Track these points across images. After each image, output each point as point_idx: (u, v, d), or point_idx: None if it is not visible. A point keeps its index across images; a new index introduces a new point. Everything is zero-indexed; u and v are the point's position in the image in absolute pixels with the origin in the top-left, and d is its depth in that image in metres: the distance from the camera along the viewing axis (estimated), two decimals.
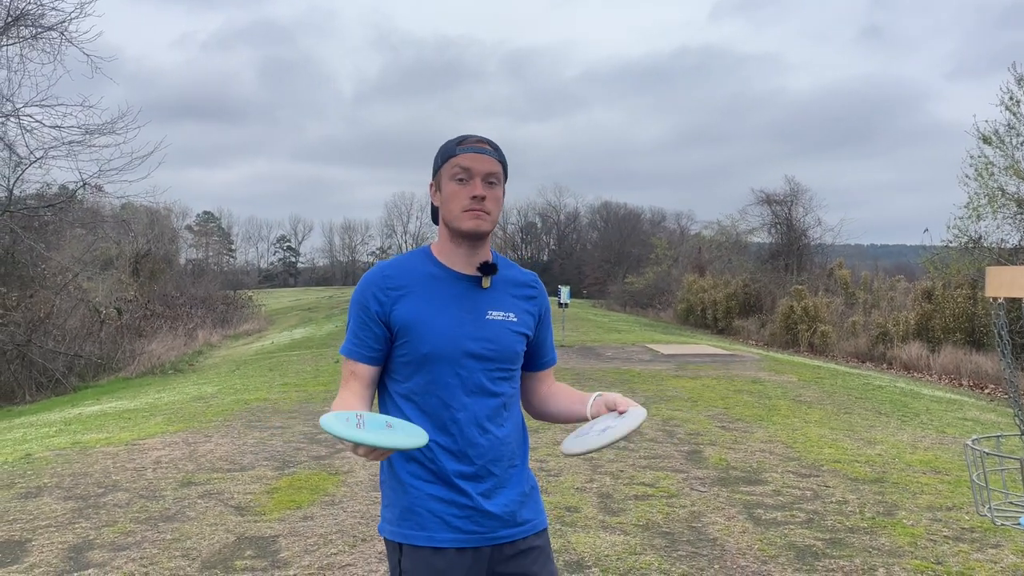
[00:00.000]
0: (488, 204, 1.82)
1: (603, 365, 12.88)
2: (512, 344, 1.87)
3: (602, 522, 4.58)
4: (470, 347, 1.81)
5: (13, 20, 14.79)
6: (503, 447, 1.84)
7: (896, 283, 25.36)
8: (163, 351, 18.50)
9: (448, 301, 1.83)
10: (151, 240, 29.75)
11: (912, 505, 4.94)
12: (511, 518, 1.83)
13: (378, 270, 1.87)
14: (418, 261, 1.89)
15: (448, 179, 1.83)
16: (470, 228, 1.81)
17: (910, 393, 11.08)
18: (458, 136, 1.88)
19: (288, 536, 4.34)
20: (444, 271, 1.86)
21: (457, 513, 1.79)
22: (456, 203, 1.81)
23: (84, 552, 4.11)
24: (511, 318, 1.88)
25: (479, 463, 1.81)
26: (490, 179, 1.83)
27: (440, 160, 1.87)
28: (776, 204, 33.37)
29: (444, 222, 1.86)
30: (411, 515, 1.79)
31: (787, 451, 6.46)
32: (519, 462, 1.90)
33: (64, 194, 17.43)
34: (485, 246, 1.89)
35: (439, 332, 1.80)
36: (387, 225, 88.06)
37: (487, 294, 1.87)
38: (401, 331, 1.81)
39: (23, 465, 6.19)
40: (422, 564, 1.77)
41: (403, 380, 1.84)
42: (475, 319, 1.83)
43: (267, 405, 9.01)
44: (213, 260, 71.56)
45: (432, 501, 1.79)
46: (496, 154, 1.86)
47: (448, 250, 1.88)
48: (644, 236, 57.88)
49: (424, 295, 1.82)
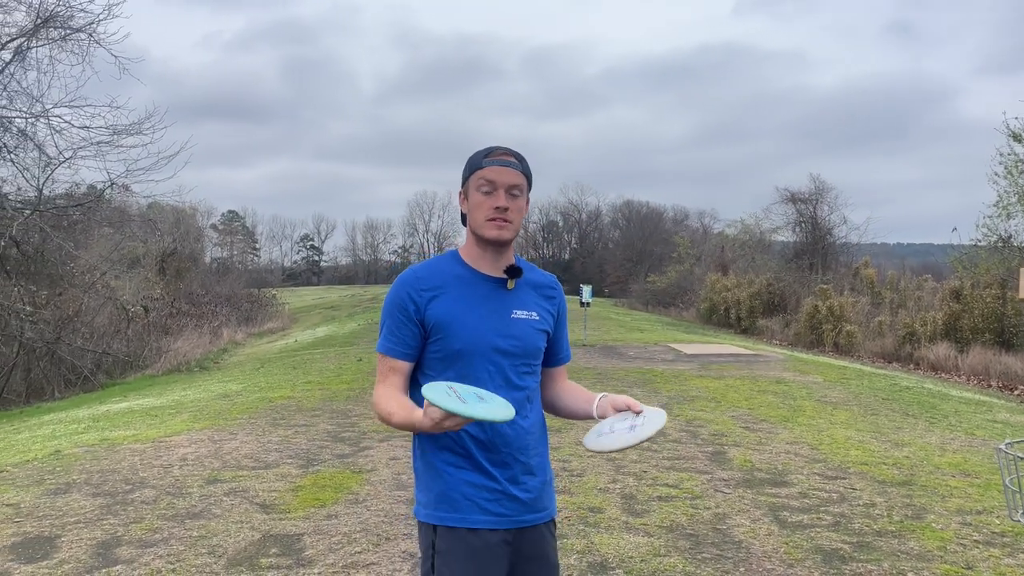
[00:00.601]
0: (510, 214, 1.96)
1: (625, 364, 12.84)
2: (535, 340, 2.03)
3: (626, 523, 4.56)
4: (498, 343, 1.96)
5: (43, 22, 15.01)
6: (527, 437, 1.99)
7: (923, 282, 25.02)
8: (189, 349, 18.70)
9: (477, 301, 1.98)
10: (177, 239, 30.08)
11: (941, 509, 4.87)
12: (534, 504, 1.99)
13: (411, 272, 2.02)
14: (447, 264, 2.03)
15: (475, 190, 1.98)
16: (493, 236, 1.96)
17: (938, 394, 10.93)
18: (485, 148, 2.01)
19: (313, 534, 4.37)
20: (472, 273, 2.01)
21: (488, 497, 1.93)
22: (481, 213, 1.96)
23: (112, 548, 4.16)
24: (534, 316, 2.03)
25: (505, 451, 1.95)
26: (513, 191, 1.97)
27: (468, 171, 2.01)
28: (801, 202, 33.10)
29: (470, 229, 2.01)
30: (446, 499, 1.93)
31: (813, 453, 6.40)
32: (541, 452, 2.05)
33: (92, 193, 17.66)
34: (509, 251, 2.04)
35: (470, 329, 1.95)
36: (409, 224, 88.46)
37: (512, 294, 2.02)
38: (435, 329, 1.95)
39: (52, 461, 6.28)
40: (457, 543, 1.90)
41: (435, 375, 1.96)
42: (502, 317, 1.99)
43: (291, 403, 9.07)
44: (238, 259, 72.24)
45: (465, 486, 1.93)
46: (520, 166, 2.00)
47: (475, 254, 2.02)
48: (666, 235, 57.59)
49: (455, 295, 1.97)
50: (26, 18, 15.05)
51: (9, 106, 15.43)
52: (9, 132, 15.60)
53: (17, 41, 15.05)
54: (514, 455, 1.96)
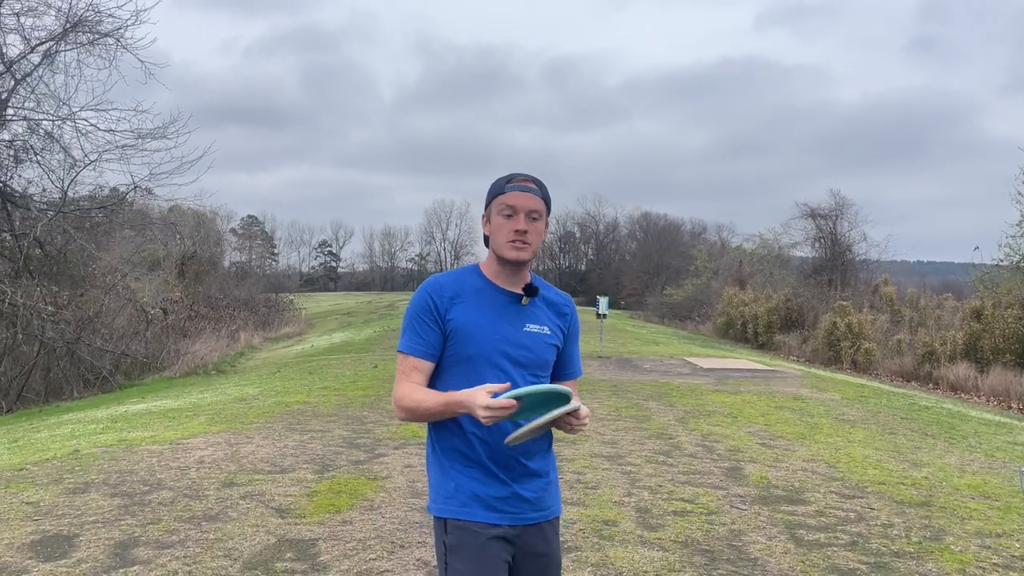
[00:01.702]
0: (529, 236, 2.10)
1: (641, 377, 12.79)
2: (544, 353, 2.16)
3: (640, 537, 4.54)
4: (509, 352, 2.10)
5: (72, 27, 15.22)
6: (532, 442, 2.11)
7: (944, 301, 24.79)
8: (206, 352, 18.83)
9: (494, 311, 2.12)
10: (197, 242, 30.35)
11: (960, 531, 4.82)
12: (538, 503, 2.12)
13: (434, 280, 2.16)
14: (468, 276, 2.17)
15: (496, 213, 2.12)
16: (512, 257, 2.09)
17: (957, 415, 10.81)
18: (507, 175, 2.15)
19: (327, 540, 4.38)
20: (490, 286, 2.15)
21: (494, 495, 2.06)
22: (502, 235, 2.10)
23: (130, 549, 4.19)
24: (545, 331, 2.17)
25: (511, 454, 2.07)
26: (532, 215, 2.11)
27: (491, 196, 2.16)
28: (821, 218, 32.92)
29: (492, 249, 2.15)
30: (456, 496, 2.06)
31: (830, 471, 6.35)
32: (546, 455, 2.19)
33: (115, 196, 17.86)
34: (525, 270, 2.19)
35: (484, 336, 2.08)
36: (426, 232, 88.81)
37: (526, 309, 2.16)
38: (452, 333, 2.08)
39: (71, 461, 6.35)
40: (466, 537, 2.03)
41: (447, 377, 2.10)
42: (515, 329, 2.12)
43: (307, 408, 9.11)
44: (256, 263, 72.77)
45: (473, 483, 2.06)
46: (539, 192, 2.14)
47: (495, 271, 2.16)
48: (684, 248, 57.44)
49: (474, 304, 2.11)
50: (55, 22, 15.30)
51: (37, 108, 15.68)
52: (36, 134, 15.84)
53: (46, 45, 15.29)
54: (518, 458, 2.08)
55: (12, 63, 15.04)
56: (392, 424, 7.95)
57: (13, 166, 16.01)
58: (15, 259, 15.47)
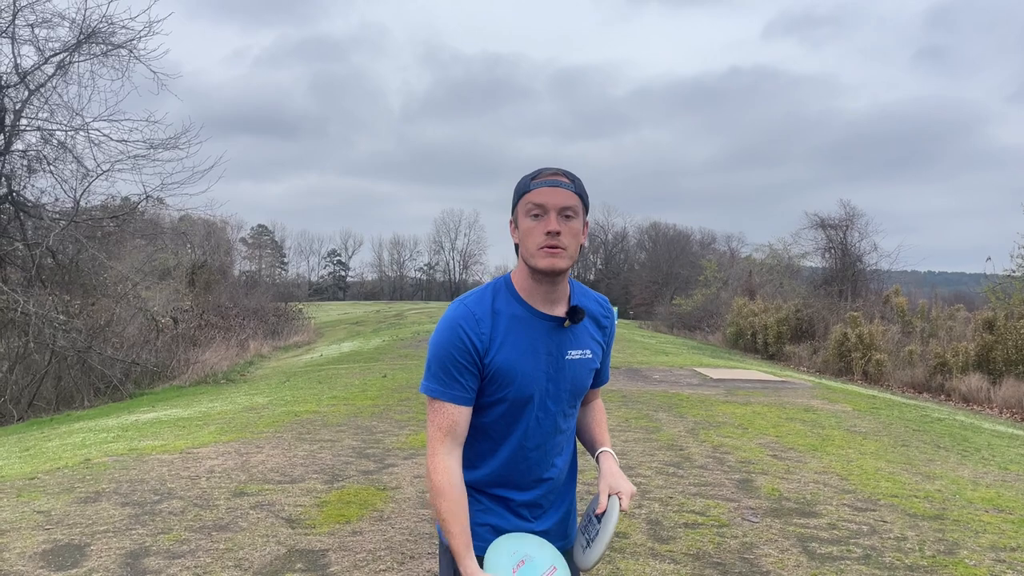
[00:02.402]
0: (564, 239, 1.78)
1: (651, 388, 12.75)
2: (585, 380, 1.95)
3: (651, 549, 4.51)
4: (550, 389, 1.87)
5: (85, 38, 15.37)
6: (560, 475, 1.98)
7: (955, 312, 24.63)
8: (216, 360, 18.88)
9: (534, 345, 1.85)
10: (207, 252, 30.48)
11: (974, 544, 4.77)
12: (560, 531, 1.99)
13: (467, 312, 1.85)
14: (502, 301, 1.87)
15: (524, 215, 1.81)
16: (546, 266, 1.79)
17: (970, 427, 10.72)
18: (534, 170, 1.86)
19: (337, 550, 4.38)
20: (528, 311, 1.86)
21: (512, 529, 1.90)
22: (532, 240, 1.79)
23: (140, 558, 4.19)
24: (587, 355, 1.93)
25: (539, 493, 1.93)
26: (566, 212, 1.79)
27: (516, 196, 1.86)
28: (831, 228, 32.73)
29: (522, 258, 1.85)
30: (474, 527, 1.86)
31: (842, 483, 6.30)
32: (568, 488, 2.04)
33: (127, 206, 17.98)
34: (564, 281, 1.87)
35: (526, 378, 1.83)
36: (435, 241, 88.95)
37: (567, 332, 1.90)
38: (492, 377, 1.83)
39: (82, 470, 6.36)
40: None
41: (483, 416, 1.87)
42: (556, 361, 1.87)
43: (316, 417, 9.11)
44: (266, 272, 73.00)
45: (492, 517, 1.90)
46: (573, 186, 1.82)
47: (528, 287, 1.86)
48: (693, 257, 57.33)
49: (514, 341, 1.83)
50: (69, 33, 15.45)
51: (50, 119, 15.82)
52: (49, 144, 15.98)
53: (60, 56, 15.43)
54: (546, 495, 1.96)
55: (26, 74, 15.19)
56: (402, 434, 7.95)
57: (26, 176, 16.18)
58: (28, 268, 15.59)
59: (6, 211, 15.97)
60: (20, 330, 14.82)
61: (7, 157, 15.64)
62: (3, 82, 15.08)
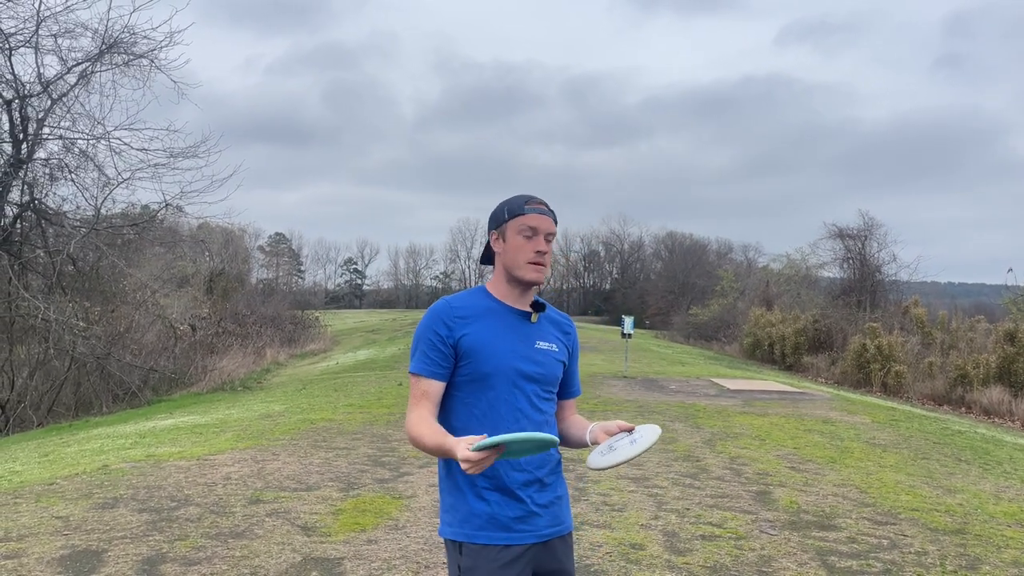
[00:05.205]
0: (547, 258, 2.17)
1: (667, 398, 12.68)
2: (555, 369, 2.21)
3: (668, 561, 4.48)
4: (524, 368, 2.13)
5: (107, 48, 15.54)
6: (548, 456, 2.16)
7: (976, 324, 24.34)
8: (233, 368, 18.99)
9: (505, 330, 2.15)
10: (225, 260, 30.72)
11: (996, 559, 4.70)
12: (553, 518, 2.14)
13: (444, 303, 2.19)
14: (477, 297, 2.21)
15: (515, 233, 2.16)
16: (533, 278, 2.15)
17: (991, 440, 10.58)
18: (523, 196, 2.20)
19: (353, 559, 4.37)
20: (500, 305, 2.19)
21: (511, 515, 2.06)
22: (522, 255, 2.14)
23: (157, 565, 4.21)
24: (554, 348, 2.22)
25: (529, 469, 2.10)
26: (549, 237, 2.17)
27: (507, 214, 2.18)
28: (849, 238, 32.52)
29: (505, 268, 2.18)
30: (472, 517, 2.07)
31: (861, 496, 6.23)
32: (556, 471, 2.21)
33: (147, 214, 18.14)
34: (532, 290, 2.23)
35: (500, 354, 2.11)
36: (451, 250, 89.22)
37: (535, 327, 2.21)
38: (465, 354, 2.10)
39: (101, 476, 6.40)
40: (482, 559, 2.04)
41: (465, 395, 2.12)
42: (527, 346, 2.16)
43: (332, 425, 9.13)
44: (283, 280, 73.48)
45: (490, 504, 2.06)
46: (553, 216, 2.21)
47: (504, 290, 2.21)
48: (710, 267, 57.09)
49: (485, 324, 2.14)
50: (91, 44, 15.61)
51: (72, 128, 15.98)
52: (71, 153, 16.14)
53: (82, 66, 15.60)
54: (535, 472, 2.11)
55: (49, 83, 15.37)
56: None
57: (48, 184, 16.34)
58: (48, 275, 15.75)
59: (28, 218, 16.15)
60: (40, 336, 14.98)
61: (30, 165, 15.83)
62: (26, 91, 15.27)
